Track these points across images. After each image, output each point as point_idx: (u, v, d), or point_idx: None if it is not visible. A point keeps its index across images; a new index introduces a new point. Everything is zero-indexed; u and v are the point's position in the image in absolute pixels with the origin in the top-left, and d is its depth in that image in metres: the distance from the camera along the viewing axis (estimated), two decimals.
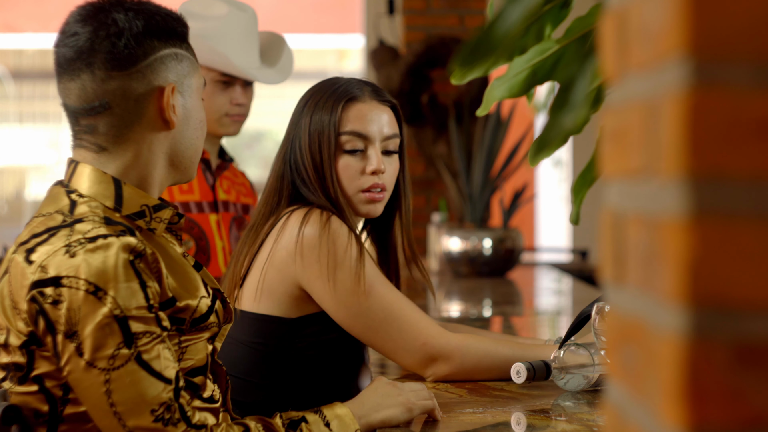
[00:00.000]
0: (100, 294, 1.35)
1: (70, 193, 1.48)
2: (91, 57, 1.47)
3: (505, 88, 1.17)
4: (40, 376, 1.42)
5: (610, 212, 0.68)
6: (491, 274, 3.97)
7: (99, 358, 1.35)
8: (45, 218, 1.45)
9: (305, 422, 1.49)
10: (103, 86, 1.47)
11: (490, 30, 0.69)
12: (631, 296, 0.64)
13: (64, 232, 1.40)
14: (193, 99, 1.53)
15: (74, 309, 1.35)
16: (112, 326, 1.35)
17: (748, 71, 0.54)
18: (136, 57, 1.47)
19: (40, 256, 1.38)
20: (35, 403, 1.43)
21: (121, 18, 1.47)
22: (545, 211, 7.90)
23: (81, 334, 1.35)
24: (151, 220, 1.50)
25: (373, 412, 1.57)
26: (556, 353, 1.76)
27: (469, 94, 4.67)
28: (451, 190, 4.21)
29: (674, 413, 0.55)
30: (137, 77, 1.47)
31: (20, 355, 1.42)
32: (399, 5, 5.31)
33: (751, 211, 0.54)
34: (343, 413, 1.54)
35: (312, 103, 1.95)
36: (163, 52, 1.49)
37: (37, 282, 1.37)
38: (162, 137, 1.50)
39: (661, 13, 0.57)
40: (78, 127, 1.51)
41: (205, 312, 1.50)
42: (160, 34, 1.49)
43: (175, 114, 1.50)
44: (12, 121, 10.67)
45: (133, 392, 1.35)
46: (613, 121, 0.68)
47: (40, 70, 10.60)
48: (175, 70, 1.50)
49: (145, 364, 1.36)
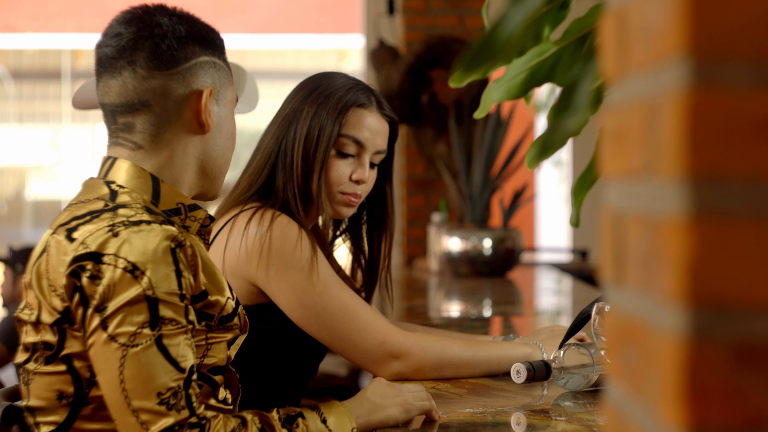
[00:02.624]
0: (137, 273, 1.38)
1: (109, 184, 1.52)
2: (134, 55, 1.51)
3: (503, 90, 1.17)
4: (69, 356, 1.44)
5: (610, 212, 0.68)
6: (491, 274, 3.97)
7: (121, 334, 1.37)
8: (85, 203, 1.49)
9: (302, 418, 1.49)
10: (143, 84, 1.52)
11: (493, 34, 0.69)
12: (631, 296, 0.64)
13: (107, 215, 1.44)
14: (226, 109, 1.59)
15: (110, 285, 1.37)
16: (141, 305, 1.37)
17: (748, 71, 0.54)
18: (178, 59, 1.52)
19: (83, 234, 1.41)
20: (60, 383, 1.45)
21: (165, 21, 1.52)
22: (545, 211, 7.91)
23: (110, 308, 1.37)
24: (186, 218, 1.55)
25: (372, 412, 1.57)
26: (556, 353, 1.76)
27: (469, 94, 4.67)
28: (451, 190, 4.21)
29: (674, 413, 0.55)
30: (177, 78, 1.52)
31: (51, 334, 1.44)
32: (399, 5, 5.31)
33: (751, 211, 0.54)
34: (341, 411, 1.54)
35: (319, 96, 1.96)
36: (203, 58, 1.54)
37: (78, 257, 1.39)
38: (196, 141, 1.55)
39: (661, 13, 0.58)
40: (115, 126, 1.55)
41: (231, 312, 1.53)
42: (201, 41, 1.55)
43: (210, 119, 1.55)
44: (12, 121, 10.67)
45: (145, 372, 1.36)
46: (613, 122, 0.68)
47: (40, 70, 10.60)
48: (213, 77, 1.56)
49: (163, 348, 1.37)
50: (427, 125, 4.87)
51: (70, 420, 1.45)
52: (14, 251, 4.33)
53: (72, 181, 10.49)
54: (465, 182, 4.05)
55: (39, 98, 10.72)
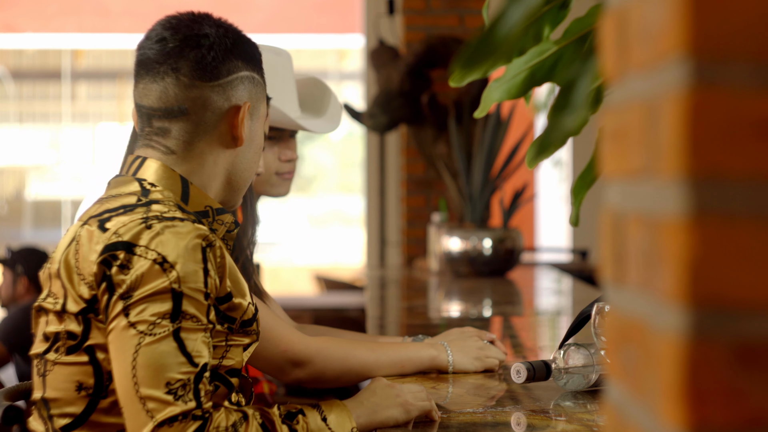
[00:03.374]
0: (167, 266, 1.39)
1: (141, 181, 1.54)
2: (179, 63, 1.54)
3: (504, 90, 1.17)
4: (92, 347, 1.45)
5: (610, 212, 0.68)
6: (491, 274, 3.97)
7: (141, 322, 1.38)
8: (117, 197, 1.51)
9: (302, 414, 1.49)
10: (185, 92, 1.54)
11: (491, 31, 0.69)
12: (631, 296, 0.64)
13: (141, 209, 1.46)
14: (258, 124, 1.62)
15: (139, 276, 1.39)
16: (166, 297, 1.39)
17: (748, 71, 0.54)
18: (221, 72, 1.55)
19: (116, 225, 1.43)
20: (81, 375, 1.45)
21: (212, 32, 1.55)
22: (545, 211, 7.91)
23: (134, 296, 1.39)
24: (213, 221, 1.57)
25: (372, 412, 1.57)
26: (556, 353, 1.76)
27: (469, 94, 4.67)
28: (451, 190, 4.21)
29: (674, 413, 0.55)
30: (218, 91, 1.55)
31: (75, 323, 1.45)
32: (399, 5, 5.31)
33: (751, 211, 0.54)
34: (342, 410, 1.54)
35: None
36: (244, 73, 1.58)
37: (111, 245, 1.41)
38: (228, 153, 1.58)
39: (661, 13, 0.58)
40: (149, 128, 1.57)
41: (251, 317, 1.54)
42: (244, 56, 1.58)
43: (244, 133, 1.58)
44: (12, 121, 10.67)
45: (158, 362, 1.37)
46: (613, 121, 0.68)
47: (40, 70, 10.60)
48: (250, 92, 1.59)
49: (180, 341, 1.38)
50: (427, 125, 4.87)
51: (88, 412, 1.46)
52: (13, 252, 4.33)
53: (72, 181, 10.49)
54: (465, 182, 4.05)
55: (39, 98, 10.73)
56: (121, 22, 9.79)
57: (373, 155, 5.53)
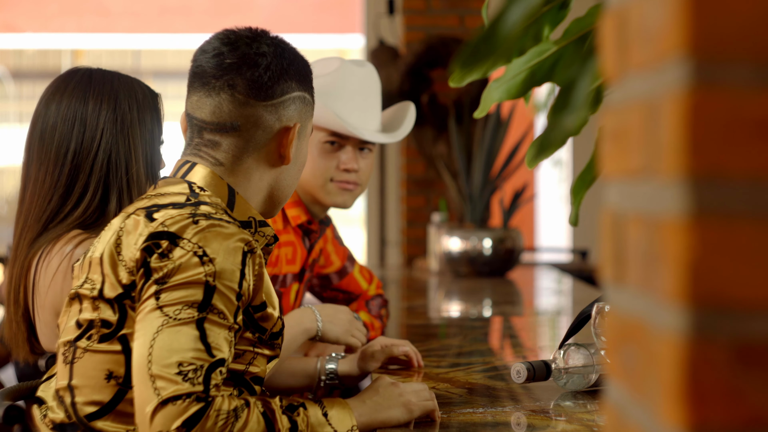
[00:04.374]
0: (205, 260, 1.42)
1: (190, 184, 1.56)
2: (235, 79, 1.56)
3: (503, 90, 1.17)
4: (126, 336, 1.46)
5: (610, 212, 0.68)
6: (491, 274, 3.97)
7: (168, 305, 1.40)
8: (165, 195, 1.53)
9: (303, 408, 1.49)
10: (239, 109, 1.57)
11: (491, 31, 0.69)
12: (631, 296, 0.64)
13: (190, 207, 1.48)
14: (305, 142, 1.65)
15: (177, 265, 1.41)
16: (198, 287, 1.41)
17: (748, 71, 0.54)
18: (275, 92, 1.58)
19: (164, 216, 1.46)
20: (112, 363, 1.47)
21: (270, 52, 1.58)
22: (545, 211, 7.90)
23: (169, 282, 1.41)
24: (255, 233, 1.59)
25: (373, 411, 1.57)
26: (556, 353, 1.76)
27: (469, 94, 4.67)
28: (451, 190, 4.21)
29: (674, 413, 0.55)
30: (271, 110, 1.58)
31: (111, 311, 1.46)
32: (399, 5, 5.31)
33: (751, 211, 0.54)
34: (343, 407, 1.54)
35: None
36: (297, 94, 1.61)
37: (156, 234, 1.44)
38: (274, 171, 1.61)
39: (661, 13, 0.58)
40: (200, 139, 1.60)
41: (279, 330, 1.56)
42: (298, 76, 1.61)
43: (291, 153, 1.60)
44: (12, 121, 10.67)
45: (175, 344, 1.38)
46: (613, 121, 0.68)
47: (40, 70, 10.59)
48: (300, 113, 1.61)
49: (202, 330, 1.39)
50: (427, 125, 4.87)
51: (115, 401, 1.47)
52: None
53: None
54: (465, 182, 4.05)
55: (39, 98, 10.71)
56: (121, 22, 9.79)
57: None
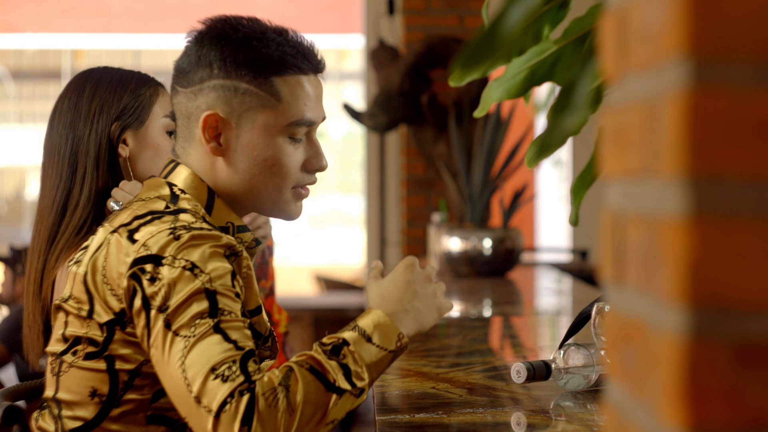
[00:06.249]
0: (197, 271, 1.39)
1: (171, 186, 1.54)
2: (174, 70, 1.58)
3: (503, 90, 1.17)
4: (112, 356, 1.44)
5: (610, 212, 0.68)
6: (491, 274, 3.97)
7: (183, 326, 1.36)
8: (146, 202, 1.51)
9: (346, 345, 1.43)
10: (172, 98, 1.58)
11: (491, 31, 0.69)
12: (631, 296, 0.64)
13: (169, 218, 1.45)
14: (249, 136, 1.53)
15: (170, 284, 1.38)
16: (201, 297, 1.38)
17: (748, 71, 0.54)
18: (193, 78, 1.53)
19: (144, 236, 1.43)
20: (96, 381, 1.45)
21: (198, 39, 1.54)
22: (545, 211, 7.90)
23: (171, 306, 1.38)
24: (233, 238, 1.54)
25: (416, 322, 1.49)
26: (556, 353, 1.76)
27: (469, 94, 4.67)
28: (451, 190, 4.21)
29: (674, 413, 0.55)
30: (191, 97, 1.54)
31: (99, 332, 1.44)
32: (399, 5, 5.31)
33: (751, 211, 0.54)
34: (381, 320, 1.46)
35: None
36: (218, 82, 1.52)
37: (139, 259, 1.41)
38: (216, 166, 1.54)
39: (661, 13, 0.57)
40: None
41: (269, 333, 1.55)
42: (222, 63, 1.51)
43: (219, 144, 1.53)
44: (12, 121, 10.67)
45: (203, 355, 1.34)
46: (613, 121, 0.68)
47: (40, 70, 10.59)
48: (227, 101, 1.52)
49: (222, 332, 1.36)
50: (427, 125, 4.87)
51: (99, 419, 1.45)
52: (15, 250, 4.33)
53: None
54: (465, 182, 4.05)
55: (39, 98, 10.72)
56: (121, 22, 9.79)
57: (373, 155, 5.53)
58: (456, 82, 1.15)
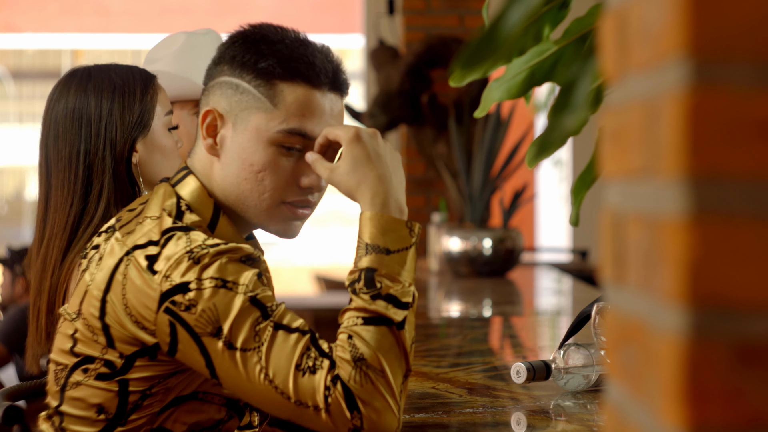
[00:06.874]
0: (230, 285, 1.37)
1: (179, 198, 1.49)
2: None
3: (504, 90, 1.17)
4: (127, 380, 1.42)
5: (610, 212, 0.68)
6: (491, 274, 3.97)
7: (246, 340, 1.35)
8: (156, 220, 1.45)
9: (374, 271, 1.40)
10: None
11: (491, 31, 0.69)
12: (631, 296, 0.64)
13: (183, 239, 1.41)
14: (245, 137, 1.49)
15: (209, 306, 1.36)
16: (250, 308, 1.36)
17: (748, 71, 0.54)
18: (210, 76, 1.53)
19: (164, 266, 1.39)
20: (104, 399, 1.43)
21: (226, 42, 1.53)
22: (545, 211, 7.90)
23: (225, 328, 1.36)
24: (249, 246, 1.51)
25: (398, 194, 1.47)
26: (556, 353, 1.76)
27: (469, 94, 4.67)
28: (451, 190, 4.21)
29: (674, 413, 0.55)
30: (205, 93, 1.53)
31: (120, 359, 1.42)
32: (399, 5, 5.32)
33: (751, 211, 0.54)
34: (383, 223, 1.43)
35: None
36: (225, 79, 1.50)
37: (166, 293, 1.37)
38: (217, 164, 1.51)
39: (661, 13, 0.57)
40: None
41: None
42: (231, 61, 1.50)
43: (216, 143, 1.51)
44: (12, 121, 10.67)
45: (281, 359, 1.34)
46: (613, 121, 0.68)
47: (40, 70, 10.59)
48: (228, 99, 1.50)
49: (283, 327, 1.35)
50: (427, 125, 4.87)
51: None
52: (13, 251, 4.33)
53: None
54: (465, 182, 4.05)
55: (39, 98, 10.71)
56: (121, 22, 9.79)
57: None
58: (456, 83, 1.15)
